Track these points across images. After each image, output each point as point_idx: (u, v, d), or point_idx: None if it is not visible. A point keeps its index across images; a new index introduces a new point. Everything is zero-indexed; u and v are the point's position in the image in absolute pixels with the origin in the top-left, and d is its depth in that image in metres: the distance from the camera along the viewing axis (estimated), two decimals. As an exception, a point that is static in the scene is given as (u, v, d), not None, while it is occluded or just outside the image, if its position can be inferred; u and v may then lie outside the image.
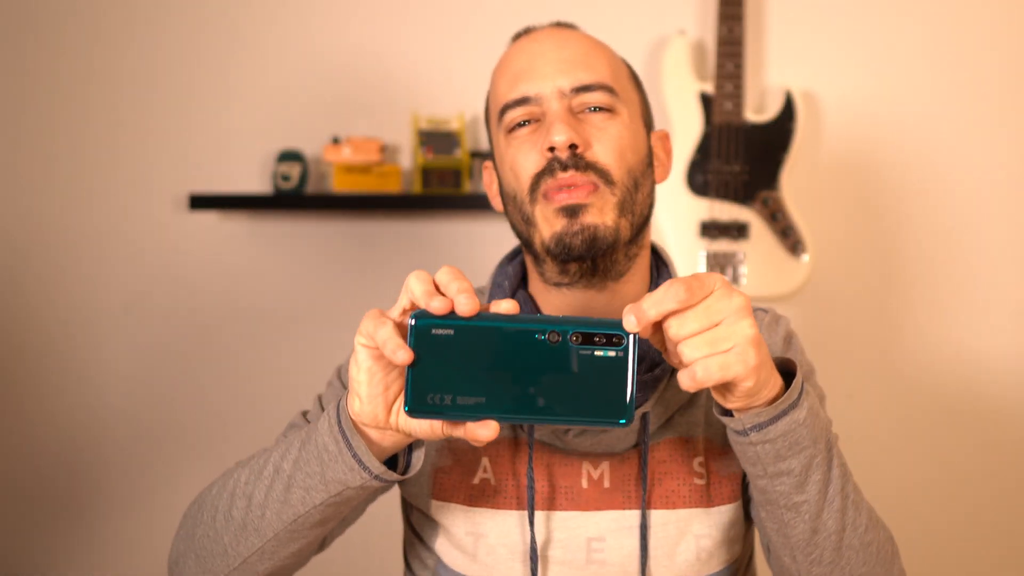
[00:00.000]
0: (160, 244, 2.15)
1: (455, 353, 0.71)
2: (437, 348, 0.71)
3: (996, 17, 2.06)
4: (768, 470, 0.84)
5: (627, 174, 0.99)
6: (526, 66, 1.01)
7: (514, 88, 1.01)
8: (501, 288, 1.07)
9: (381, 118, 2.11)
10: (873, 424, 2.10)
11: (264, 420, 2.18)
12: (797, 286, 1.99)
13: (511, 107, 1.00)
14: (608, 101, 0.99)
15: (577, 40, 1.03)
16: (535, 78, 1.00)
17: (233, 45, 2.14)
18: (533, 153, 0.99)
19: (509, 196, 1.03)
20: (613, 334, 0.72)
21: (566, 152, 0.96)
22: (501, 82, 1.03)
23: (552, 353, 0.71)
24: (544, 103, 0.99)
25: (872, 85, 2.07)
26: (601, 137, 0.98)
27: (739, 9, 1.97)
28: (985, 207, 2.07)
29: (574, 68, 0.99)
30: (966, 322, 2.08)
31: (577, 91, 0.99)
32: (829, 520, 0.87)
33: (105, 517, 2.19)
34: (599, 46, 1.04)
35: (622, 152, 0.99)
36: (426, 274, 0.76)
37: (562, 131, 0.96)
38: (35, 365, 2.18)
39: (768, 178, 2.00)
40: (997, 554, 2.10)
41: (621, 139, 0.99)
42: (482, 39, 2.11)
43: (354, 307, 2.14)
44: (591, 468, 1.01)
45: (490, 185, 1.11)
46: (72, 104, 2.16)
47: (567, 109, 0.98)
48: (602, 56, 1.03)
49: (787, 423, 0.80)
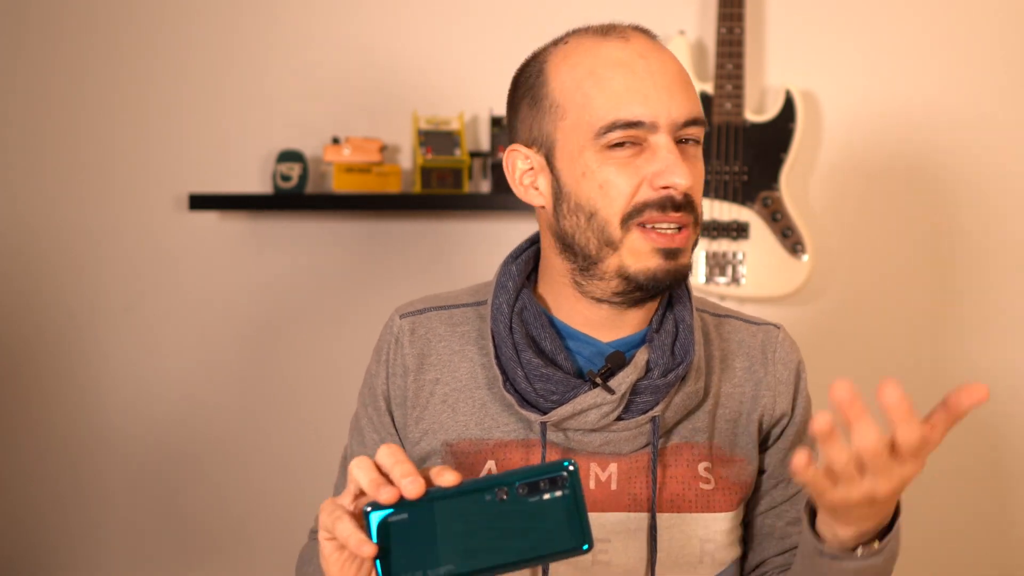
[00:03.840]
0: (160, 244, 2.15)
1: (416, 533, 0.74)
2: (398, 533, 0.74)
3: (996, 16, 2.06)
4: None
5: (701, 208, 1.00)
6: (638, 86, 0.95)
7: (625, 107, 0.94)
8: (506, 290, 1.03)
9: (381, 118, 2.11)
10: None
11: (264, 419, 2.19)
12: (797, 286, 1.99)
13: (621, 127, 0.94)
14: (701, 134, 0.99)
15: (673, 60, 0.99)
16: (649, 103, 0.94)
17: (233, 45, 2.14)
18: (634, 179, 0.95)
19: (583, 211, 0.98)
20: (556, 476, 0.75)
21: (682, 195, 0.95)
22: (599, 94, 0.95)
23: (505, 508, 0.74)
24: (655, 132, 0.95)
25: (872, 85, 2.07)
26: (698, 177, 0.98)
27: (739, 9, 1.97)
28: (984, 205, 2.07)
29: (684, 97, 0.96)
30: (966, 321, 2.08)
31: (686, 124, 0.96)
32: None
33: (106, 517, 2.19)
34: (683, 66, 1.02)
35: (702, 187, 1.00)
36: (368, 461, 0.77)
37: (685, 176, 0.94)
38: (35, 365, 2.18)
39: (768, 178, 2.00)
40: (997, 554, 2.10)
41: (702, 175, 1.00)
42: (482, 39, 2.11)
43: (354, 307, 2.14)
44: (599, 470, 1.01)
45: (514, 171, 1.04)
46: (72, 104, 2.15)
47: (675, 143, 0.96)
48: (690, 80, 1.00)
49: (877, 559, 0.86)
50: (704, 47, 2.08)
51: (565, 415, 0.97)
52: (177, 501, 2.19)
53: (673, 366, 1.00)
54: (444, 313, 1.08)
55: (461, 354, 1.05)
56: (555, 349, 1.01)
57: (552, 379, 0.98)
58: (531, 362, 0.99)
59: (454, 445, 1.03)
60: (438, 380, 1.05)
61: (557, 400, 0.98)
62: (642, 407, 0.99)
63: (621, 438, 1.00)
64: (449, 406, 1.04)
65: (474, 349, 1.05)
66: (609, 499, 1.00)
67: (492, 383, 1.03)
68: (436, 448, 1.04)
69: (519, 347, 1.00)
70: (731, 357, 1.08)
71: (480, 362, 1.04)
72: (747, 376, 1.07)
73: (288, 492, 2.13)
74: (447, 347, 1.06)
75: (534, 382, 0.98)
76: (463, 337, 1.06)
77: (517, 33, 2.08)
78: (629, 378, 0.98)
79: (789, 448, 1.08)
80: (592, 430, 0.99)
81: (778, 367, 1.08)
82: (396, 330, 1.07)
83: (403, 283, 2.12)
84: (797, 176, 2.05)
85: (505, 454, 1.02)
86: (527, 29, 2.08)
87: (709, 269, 1.99)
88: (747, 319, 1.12)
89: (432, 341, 1.06)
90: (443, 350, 1.06)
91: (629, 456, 1.01)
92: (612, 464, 1.01)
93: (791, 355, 1.09)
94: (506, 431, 1.02)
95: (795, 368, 1.09)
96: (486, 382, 1.03)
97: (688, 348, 1.01)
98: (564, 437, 1.00)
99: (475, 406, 1.03)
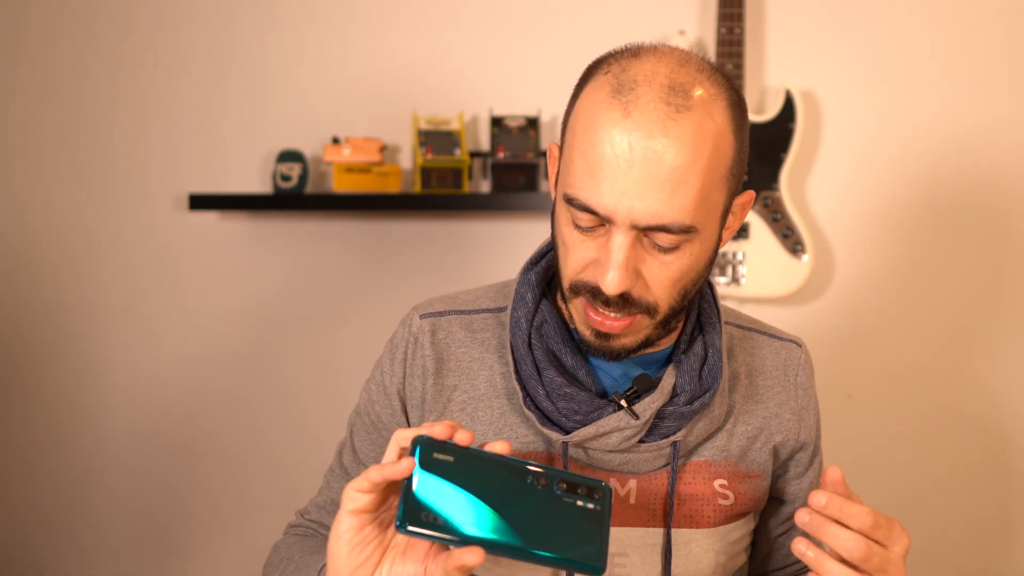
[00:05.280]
0: (160, 244, 2.15)
1: (451, 479, 0.75)
2: (435, 471, 0.75)
3: (996, 16, 2.06)
4: None
5: (679, 298, 0.93)
6: (608, 171, 0.86)
7: (586, 189, 0.87)
8: (524, 302, 1.01)
9: (381, 118, 2.11)
10: (873, 424, 2.10)
11: (263, 418, 2.19)
12: (797, 286, 1.99)
13: (578, 207, 0.88)
14: (680, 240, 0.88)
15: (676, 153, 0.85)
16: (612, 193, 0.86)
17: (233, 45, 2.14)
18: (583, 260, 0.91)
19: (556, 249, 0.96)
20: (595, 487, 0.78)
21: (616, 296, 0.90)
22: (579, 157, 0.89)
23: (540, 495, 0.77)
24: (612, 226, 0.88)
25: (872, 85, 2.07)
26: (660, 275, 0.90)
27: (739, 9, 1.97)
28: (985, 205, 2.07)
29: (658, 199, 0.85)
30: (966, 321, 2.08)
31: (651, 229, 0.87)
32: None
33: (106, 516, 2.19)
34: (704, 149, 0.87)
35: (678, 281, 0.92)
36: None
37: (615, 285, 0.87)
38: (35, 364, 2.18)
39: (768, 178, 2.00)
40: (997, 554, 2.10)
41: (681, 270, 0.91)
42: (482, 39, 2.11)
43: (354, 307, 2.14)
44: (618, 485, 1.01)
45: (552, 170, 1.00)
46: (72, 104, 2.16)
47: (633, 242, 0.88)
48: (700, 171, 0.87)
49: None
50: (704, 47, 2.08)
51: (588, 436, 0.96)
52: (177, 500, 2.19)
53: (700, 393, 0.99)
54: (464, 318, 1.06)
55: (480, 362, 1.03)
56: (576, 365, 0.99)
57: (575, 399, 0.96)
58: (553, 381, 0.97)
59: None
60: (456, 387, 1.03)
61: (580, 420, 0.97)
62: (665, 432, 0.98)
63: (641, 459, 1.00)
64: (468, 414, 1.02)
65: (494, 358, 1.03)
66: (628, 514, 1.01)
67: (512, 394, 1.01)
68: None
69: (540, 365, 0.98)
70: (755, 375, 1.07)
71: (500, 371, 1.03)
72: (769, 396, 1.07)
73: (288, 491, 2.13)
74: (466, 354, 1.04)
75: (556, 401, 0.97)
76: (483, 344, 1.04)
77: (517, 33, 2.08)
78: (655, 404, 0.96)
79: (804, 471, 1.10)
80: (612, 451, 0.99)
81: (799, 392, 1.08)
82: (415, 329, 1.05)
83: (403, 283, 2.12)
84: (797, 176, 2.05)
85: None
86: (527, 29, 2.08)
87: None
88: (771, 333, 1.11)
89: (452, 346, 1.04)
90: (462, 356, 1.04)
91: (649, 474, 1.01)
92: (631, 480, 1.01)
93: (810, 380, 1.10)
94: (525, 442, 1.01)
95: (814, 394, 1.10)
96: (505, 392, 1.02)
97: (716, 375, 0.99)
98: (584, 454, 1.00)
99: (494, 415, 1.02)
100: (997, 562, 2.10)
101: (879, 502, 1.92)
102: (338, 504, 1.08)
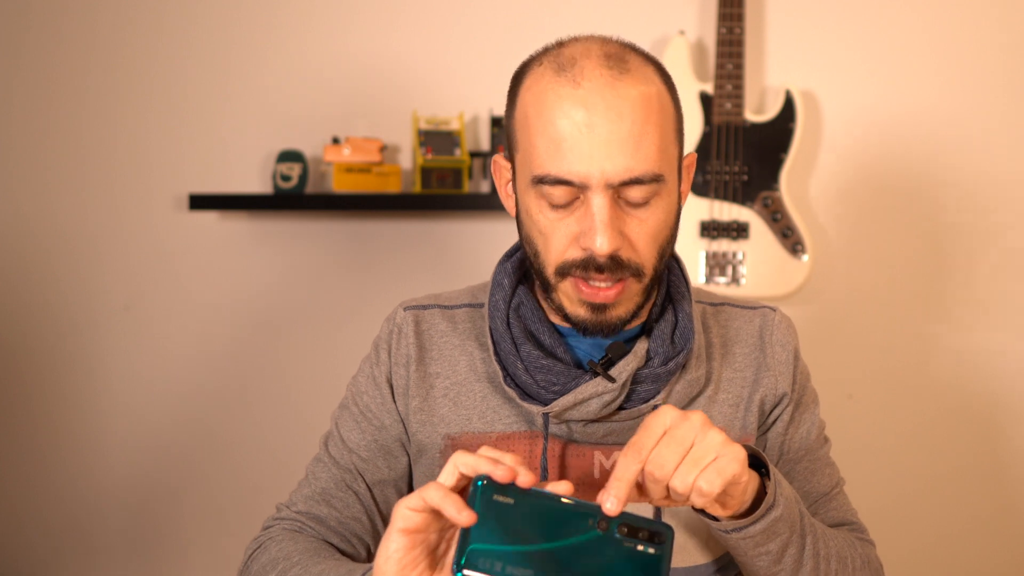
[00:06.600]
0: (160, 244, 2.15)
1: (511, 522, 0.74)
2: (495, 515, 0.74)
3: (996, 16, 2.06)
4: (748, 553, 0.92)
5: (659, 258, 0.97)
6: (572, 140, 0.90)
7: (555, 162, 0.91)
8: (501, 287, 1.05)
9: (381, 118, 2.11)
10: (873, 424, 2.10)
11: (263, 419, 2.19)
12: (797, 286, 1.99)
13: (551, 183, 0.92)
14: (653, 191, 0.93)
15: (631, 107, 0.91)
16: (582, 159, 0.90)
17: (233, 45, 2.14)
18: (568, 238, 0.94)
19: (529, 244, 0.99)
20: (658, 531, 0.77)
21: (605, 258, 0.93)
22: (539, 139, 0.93)
23: (599, 538, 0.75)
24: (588, 191, 0.91)
25: (872, 85, 2.07)
26: (641, 230, 0.94)
27: (739, 9, 1.97)
28: (984, 205, 2.07)
29: (625, 154, 0.90)
30: (966, 322, 2.08)
31: (626, 184, 0.91)
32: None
33: (106, 516, 2.19)
34: (651, 104, 0.93)
35: (656, 237, 0.95)
36: (473, 454, 0.78)
37: (605, 243, 0.91)
38: (35, 364, 2.18)
39: (768, 178, 2.00)
40: (998, 553, 2.10)
41: (658, 224, 0.95)
42: (482, 39, 2.11)
43: (354, 307, 2.14)
44: (603, 458, 1.02)
45: (500, 180, 1.06)
46: (72, 105, 2.16)
47: (612, 202, 0.91)
48: (654, 124, 0.92)
49: (765, 522, 0.89)
50: (704, 47, 2.08)
51: (567, 405, 0.97)
52: (176, 499, 2.19)
53: (673, 354, 1.00)
54: (447, 312, 1.09)
55: (461, 348, 1.06)
56: (554, 343, 1.01)
57: (552, 370, 0.98)
58: (531, 354, 0.99)
59: (456, 438, 1.03)
60: (439, 374, 1.05)
61: (558, 391, 0.98)
62: (643, 396, 0.99)
63: (624, 428, 1.00)
64: (451, 399, 1.04)
65: (474, 345, 1.06)
66: None
67: (493, 377, 1.03)
68: (436, 441, 1.04)
69: (517, 341, 1.00)
70: (731, 344, 1.09)
71: (480, 357, 1.05)
72: (747, 362, 1.08)
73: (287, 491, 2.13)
74: (448, 342, 1.07)
75: (534, 374, 0.99)
76: (463, 334, 1.07)
77: (517, 33, 2.08)
78: (630, 366, 0.98)
79: (788, 422, 1.09)
80: (594, 420, 1.00)
81: (776, 349, 1.09)
82: (399, 320, 1.08)
83: (403, 283, 2.12)
84: (797, 176, 2.05)
85: (508, 447, 1.02)
86: (527, 29, 2.08)
87: (709, 269, 1.99)
88: (743, 305, 1.13)
89: (434, 337, 1.07)
90: (444, 345, 1.06)
91: None
92: (616, 453, 1.01)
93: (788, 336, 1.10)
94: (508, 423, 1.02)
95: (792, 348, 1.10)
96: (487, 376, 1.04)
97: (688, 337, 1.02)
98: (567, 429, 1.01)
99: (476, 399, 1.04)
100: (997, 562, 2.10)
101: (880, 502, 1.92)
102: (329, 494, 1.09)
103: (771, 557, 0.92)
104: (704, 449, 0.81)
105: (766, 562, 0.93)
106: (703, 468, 0.80)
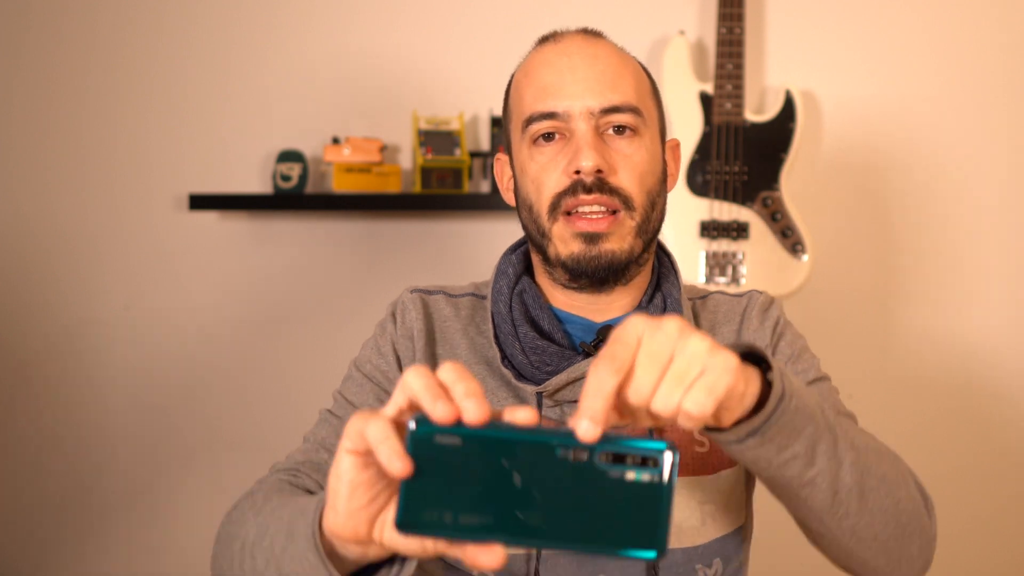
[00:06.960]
0: (160, 244, 2.15)
1: (460, 465, 0.60)
2: (439, 458, 0.60)
3: (996, 17, 2.06)
4: (773, 463, 0.78)
5: (646, 197, 1.03)
6: (555, 81, 1.02)
7: (542, 101, 1.02)
8: (506, 275, 1.09)
9: (381, 118, 2.11)
10: (873, 424, 2.09)
11: (263, 418, 2.19)
12: (797, 286, 1.99)
13: (537, 119, 1.02)
14: (633, 122, 1.01)
15: (607, 55, 1.03)
16: (564, 95, 1.01)
17: (233, 45, 2.14)
18: (557, 172, 1.01)
19: (525, 204, 1.06)
20: (652, 454, 0.60)
21: (592, 176, 0.99)
22: (527, 91, 1.04)
23: (575, 472, 0.60)
24: (572, 121, 1.01)
25: (872, 85, 2.07)
26: (625, 163, 1.01)
27: (739, 9, 1.97)
28: (984, 206, 2.07)
29: (603, 87, 1.01)
30: (966, 321, 2.08)
31: (605, 112, 1.01)
32: (847, 476, 0.83)
33: (108, 515, 2.19)
34: (627, 61, 1.05)
35: (643, 176, 1.02)
36: (426, 370, 0.64)
37: (590, 156, 0.98)
38: (35, 363, 2.18)
39: (768, 178, 2.00)
40: (998, 552, 2.10)
41: (643, 163, 1.02)
42: (482, 39, 2.11)
43: (354, 307, 2.14)
44: None
45: (501, 178, 1.13)
46: (72, 105, 2.16)
47: (594, 130, 1.00)
48: (630, 73, 1.04)
49: (781, 417, 0.75)
50: (704, 47, 2.08)
51: (560, 384, 0.99)
52: (176, 499, 2.19)
53: None
54: (451, 299, 1.13)
55: (463, 333, 1.09)
56: (552, 329, 1.04)
57: (547, 351, 1.01)
58: (527, 335, 1.02)
59: None
60: (441, 356, 1.08)
61: (551, 371, 1.01)
62: None
63: None
64: None
65: (474, 330, 1.09)
66: None
67: (491, 360, 1.06)
68: None
69: (517, 323, 1.04)
70: (718, 326, 1.11)
71: (479, 342, 1.08)
72: (732, 340, 1.10)
73: (288, 492, 2.13)
74: (451, 327, 1.09)
75: (530, 355, 1.01)
76: (465, 320, 1.10)
77: (517, 33, 2.08)
78: None
79: None
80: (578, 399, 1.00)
81: (753, 322, 1.10)
82: (406, 299, 1.12)
83: (403, 283, 2.11)
84: (797, 176, 2.05)
85: None
86: (527, 29, 2.08)
87: (709, 269, 1.99)
88: (730, 294, 1.15)
89: (438, 320, 1.10)
90: (447, 329, 1.09)
91: (625, 427, 1.01)
92: None
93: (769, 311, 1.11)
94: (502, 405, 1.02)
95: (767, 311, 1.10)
96: (485, 359, 1.06)
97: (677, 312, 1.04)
98: (561, 412, 1.02)
99: None
100: (997, 562, 2.10)
101: (879, 502, 1.92)
102: (330, 443, 1.10)
103: (801, 461, 0.79)
104: (686, 362, 0.65)
105: (797, 468, 0.79)
106: (688, 386, 0.65)
